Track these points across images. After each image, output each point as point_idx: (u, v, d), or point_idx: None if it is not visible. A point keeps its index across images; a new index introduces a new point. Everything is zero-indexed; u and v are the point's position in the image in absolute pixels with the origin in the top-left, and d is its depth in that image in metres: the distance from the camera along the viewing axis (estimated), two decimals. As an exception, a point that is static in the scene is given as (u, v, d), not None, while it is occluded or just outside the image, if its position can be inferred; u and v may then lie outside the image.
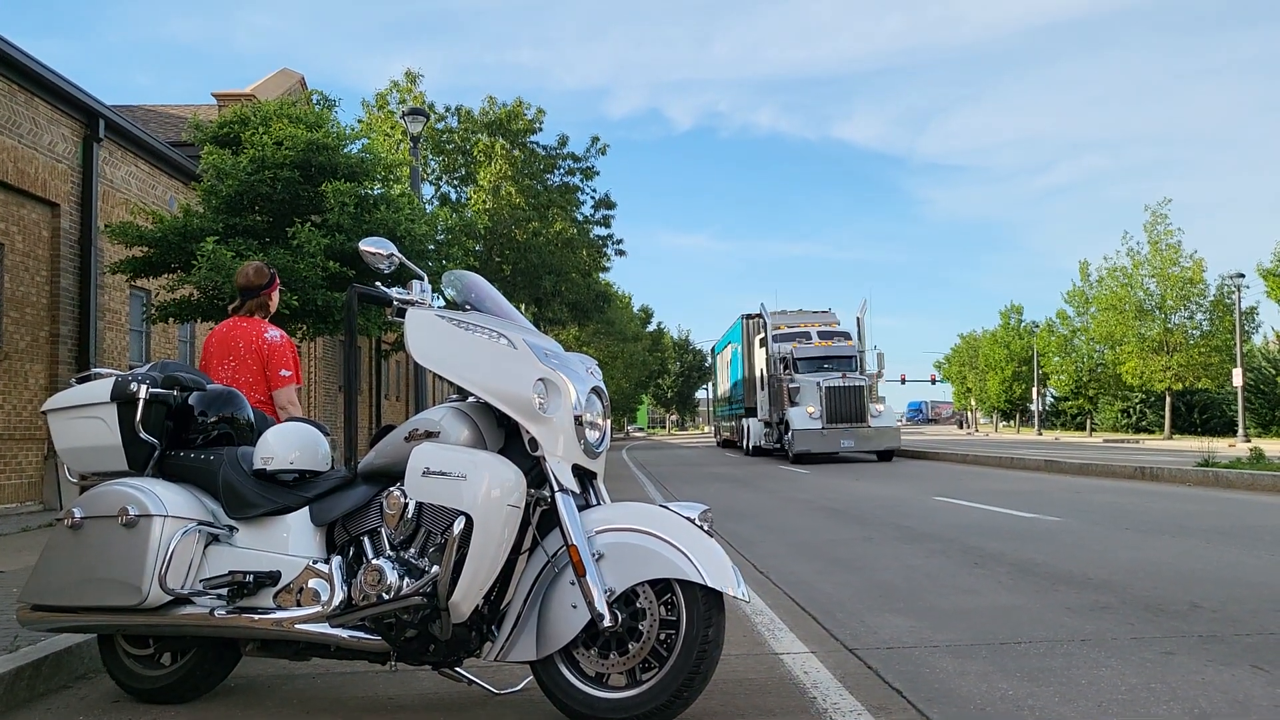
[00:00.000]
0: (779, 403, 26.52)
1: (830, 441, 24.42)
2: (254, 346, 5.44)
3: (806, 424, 24.57)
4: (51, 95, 12.97)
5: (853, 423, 24.61)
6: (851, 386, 24.90)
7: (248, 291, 5.63)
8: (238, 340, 5.47)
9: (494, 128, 31.41)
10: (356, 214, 12.02)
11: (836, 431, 24.45)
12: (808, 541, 8.96)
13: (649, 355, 77.17)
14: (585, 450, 3.54)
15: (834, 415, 24.55)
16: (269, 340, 5.48)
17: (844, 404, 24.64)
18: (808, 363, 26.68)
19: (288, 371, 5.46)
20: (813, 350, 27.34)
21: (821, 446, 24.45)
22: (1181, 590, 5.97)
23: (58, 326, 13.22)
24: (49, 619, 3.90)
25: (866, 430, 24.65)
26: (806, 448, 24.44)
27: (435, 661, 3.56)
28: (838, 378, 25.15)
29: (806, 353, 27.15)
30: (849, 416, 24.63)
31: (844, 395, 24.77)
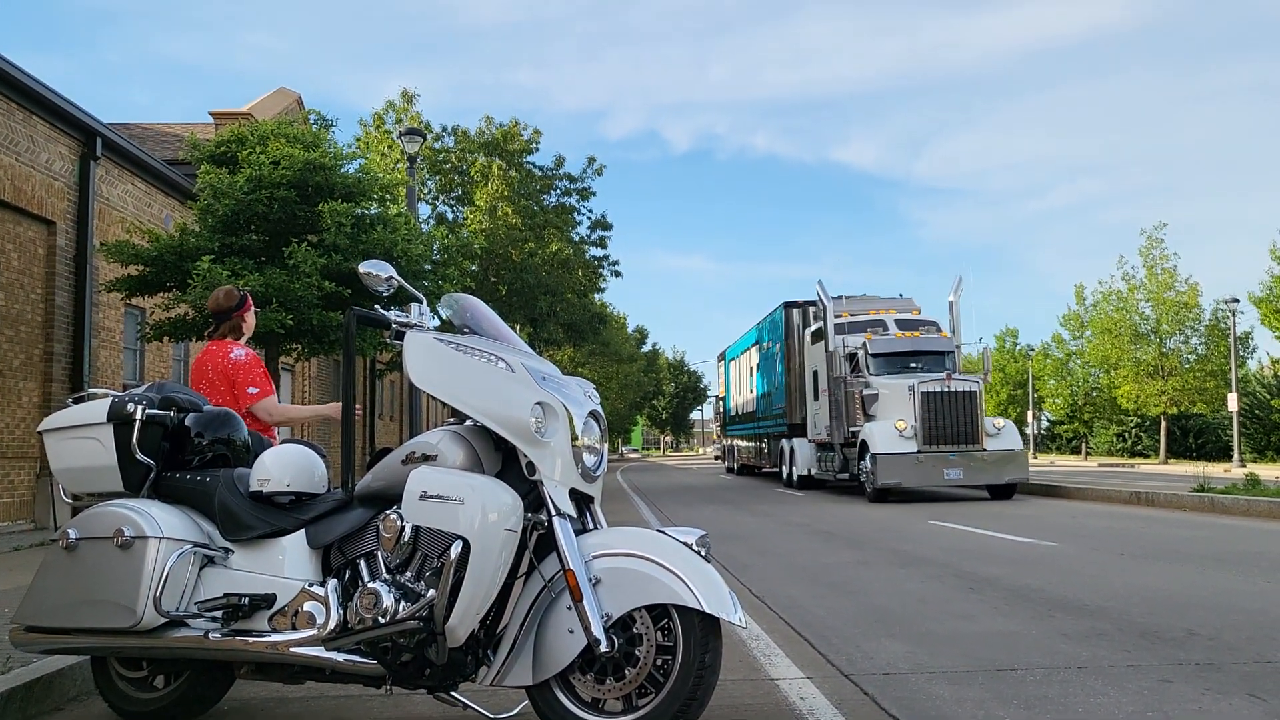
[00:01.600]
0: (845, 416, 19.66)
1: (929, 471, 17.75)
2: (220, 368, 5.46)
3: (894, 445, 17.83)
4: (49, 113, 13.00)
5: (962, 444, 17.92)
6: (959, 392, 18.14)
7: (219, 315, 5.69)
8: (206, 365, 5.52)
9: (491, 148, 31.49)
10: (353, 234, 12.04)
11: (938, 457, 17.72)
12: (803, 565, 8.94)
13: (644, 376, 77.17)
14: (582, 474, 3.53)
15: (935, 433, 17.85)
16: (233, 360, 5.49)
17: (949, 417, 17.99)
18: (887, 360, 19.57)
19: (254, 389, 5.42)
20: (894, 343, 19.89)
21: (917, 478, 17.84)
22: (1178, 617, 5.96)
23: (52, 344, 13.20)
24: (42, 640, 3.87)
25: (981, 456, 17.86)
26: (895, 479, 17.68)
27: (431, 686, 3.53)
28: (938, 380, 18.29)
29: (886, 346, 19.76)
30: (957, 435, 17.94)
31: (949, 405, 18.05)
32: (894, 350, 19.72)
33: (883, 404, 18.72)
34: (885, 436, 17.96)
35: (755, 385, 29.36)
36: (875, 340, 19.82)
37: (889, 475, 17.70)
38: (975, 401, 18.17)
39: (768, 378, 27.21)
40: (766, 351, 27.45)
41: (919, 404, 17.99)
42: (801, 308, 24.55)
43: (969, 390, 18.25)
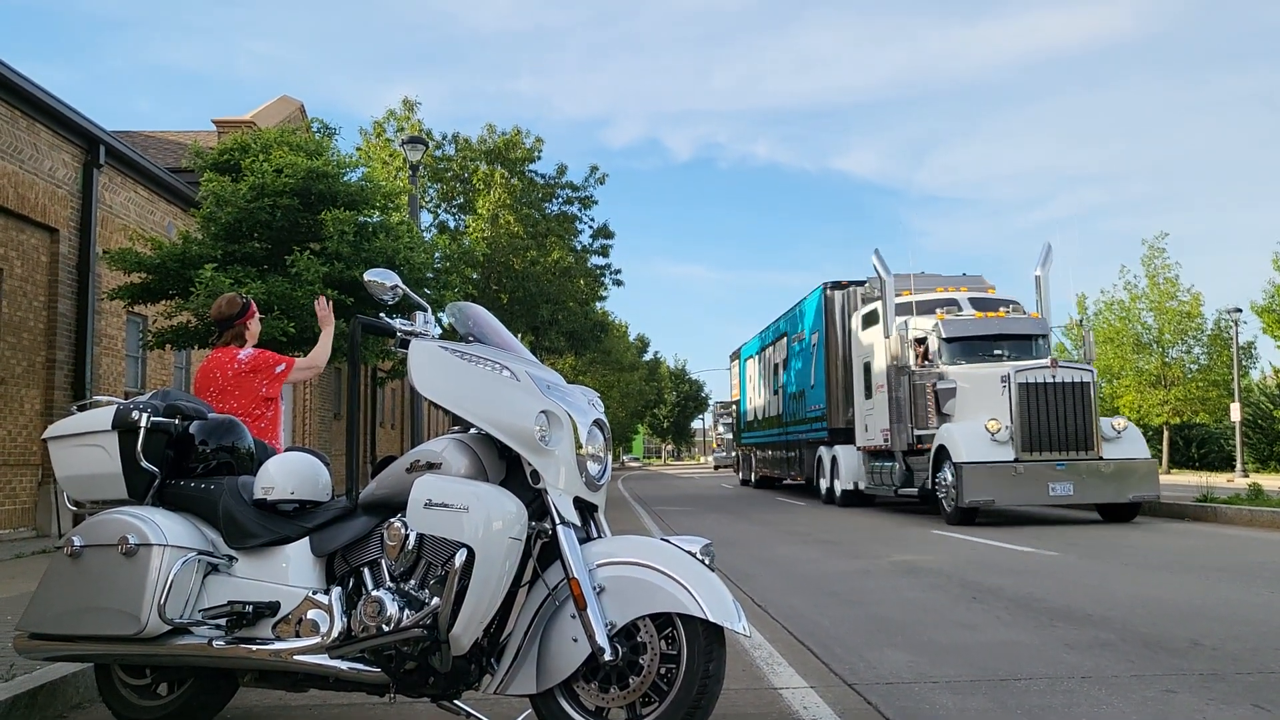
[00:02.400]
0: (911, 416, 15.86)
1: (1030, 485, 13.99)
2: (233, 373, 5.51)
3: (984, 451, 14.08)
4: (53, 121, 13.03)
5: (1073, 450, 14.14)
6: (1070, 384, 14.34)
7: (222, 323, 5.76)
8: (214, 372, 5.56)
9: (492, 156, 31.54)
10: (355, 242, 12.05)
11: (1042, 467, 13.99)
12: (806, 575, 8.93)
13: (645, 385, 77.14)
14: (587, 483, 3.54)
15: (1037, 436, 14.14)
16: (243, 360, 5.56)
17: (1056, 416, 14.23)
18: (965, 346, 15.74)
19: (280, 365, 5.67)
20: (975, 325, 16.00)
21: (1013, 494, 14.05)
22: (1182, 627, 5.95)
23: (54, 352, 13.20)
24: (46, 648, 3.87)
25: (1097, 466, 14.06)
26: (986, 496, 13.91)
27: (434, 694, 3.53)
28: (1041, 369, 14.45)
29: (964, 328, 15.88)
30: (1065, 440, 14.17)
31: (1056, 400, 14.30)
32: (975, 333, 15.80)
33: (963, 400, 15.07)
34: (972, 440, 14.18)
35: (781, 385, 25.35)
36: (950, 321, 15.92)
37: (978, 490, 13.90)
38: (1088, 396, 14.33)
39: (800, 375, 22.96)
40: (798, 345, 23.18)
41: (1016, 399, 14.20)
42: (846, 289, 20.58)
43: (1080, 381, 14.38)
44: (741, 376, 32.67)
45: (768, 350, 27.57)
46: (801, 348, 22.95)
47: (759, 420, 29.06)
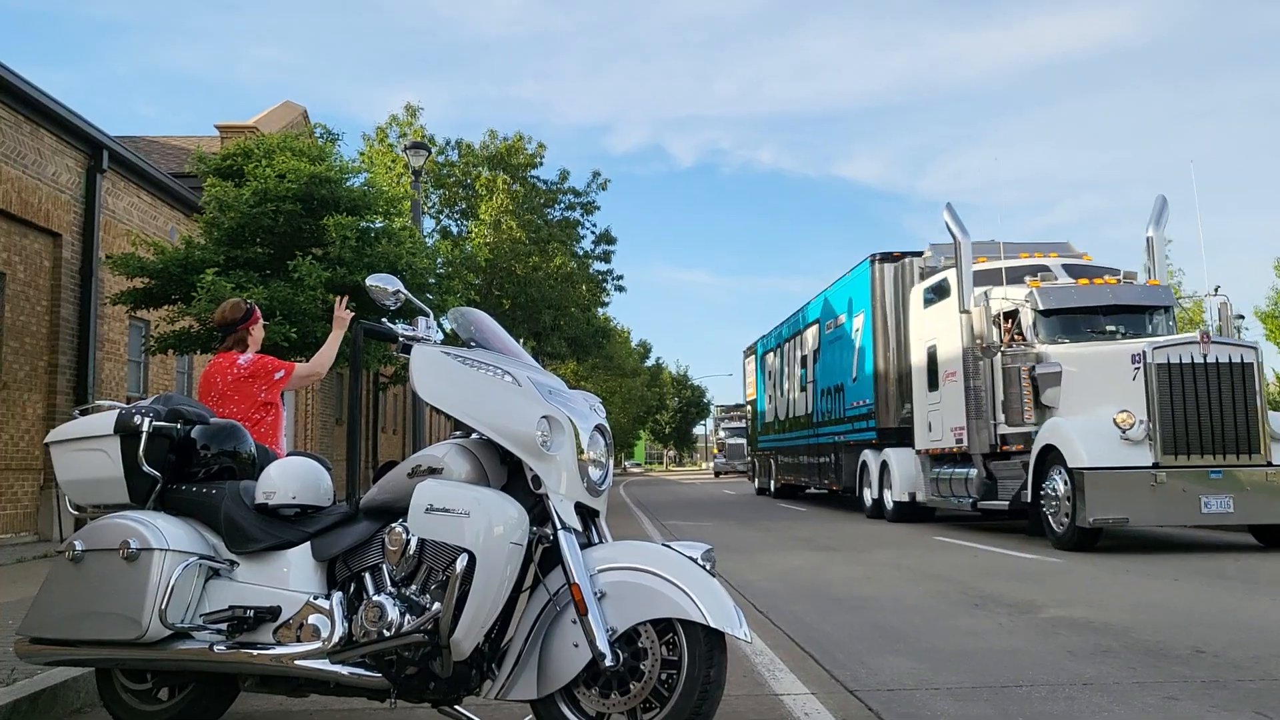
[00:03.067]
0: (994, 408, 13.00)
1: (1175, 499, 10.85)
2: (233, 379, 5.53)
3: (1112, 454, 11.00)
4: (56, 125, 13.05)
5: (1232, 454, 11.03)
6: (1227, 364, 11.22)
7: (225, 327, 5.77)
8: (214, 378, 5.57)
9: (494, 162, 31.57)
10: (358, 247, 12.06)
11: (1191, 475, 10.90)
12: (807, 580, 8.92)
13: (647, 390, 77.15)
14: (588, 488, 3.54)
15: (1184, 435, 11.02)
16: (242, 364, 5.57)
17: (1209, 407, 11.10)
18: (1069, 321, 12.83)
19: (279, 371, 5.65)
20: (1081, 294, 13.04)
21: (1153, 511, 11.01)
22: (1184, 634, 5.95)
23: (57, 357, 13.22)
24: (47, 652, 3.87)
25: (1264, 476, 10.98)
26: (1116, 512, 10.82)
27: (435, 699, 3.53)
28: (1188, 346, 11.32)
29: (1068, 298, 12.96)
30: (1224, 440, 11.06)
31: (1208, 386, 11.17)
32: (1083, 304, 12.80)
33: (1070, 388, 11.92)
34: (1094, 439, 11.05)
35: (810, 380, 21.89)
36: (1050, 290, 12.91)
37: (1105, 505, 10.70)
38: (1252, 382, 11.11)
39: (837, 367, 19.54)
40: (833, 332, 19.91)
41: (1156, 384, 10.99)
42: (899, 261, 17.37)
43: (1242, 362, 11.17)
44: (758, 374, 29.13)
45: (792, 342, 24.17)
46: (838, 335, 19.61)
47: (781, 421, 25.44)
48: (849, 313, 19.05)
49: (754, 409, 30.06)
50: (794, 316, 24.26)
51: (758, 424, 29.10)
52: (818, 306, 21.77)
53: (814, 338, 22.01)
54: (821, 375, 21.23)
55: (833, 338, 20.28)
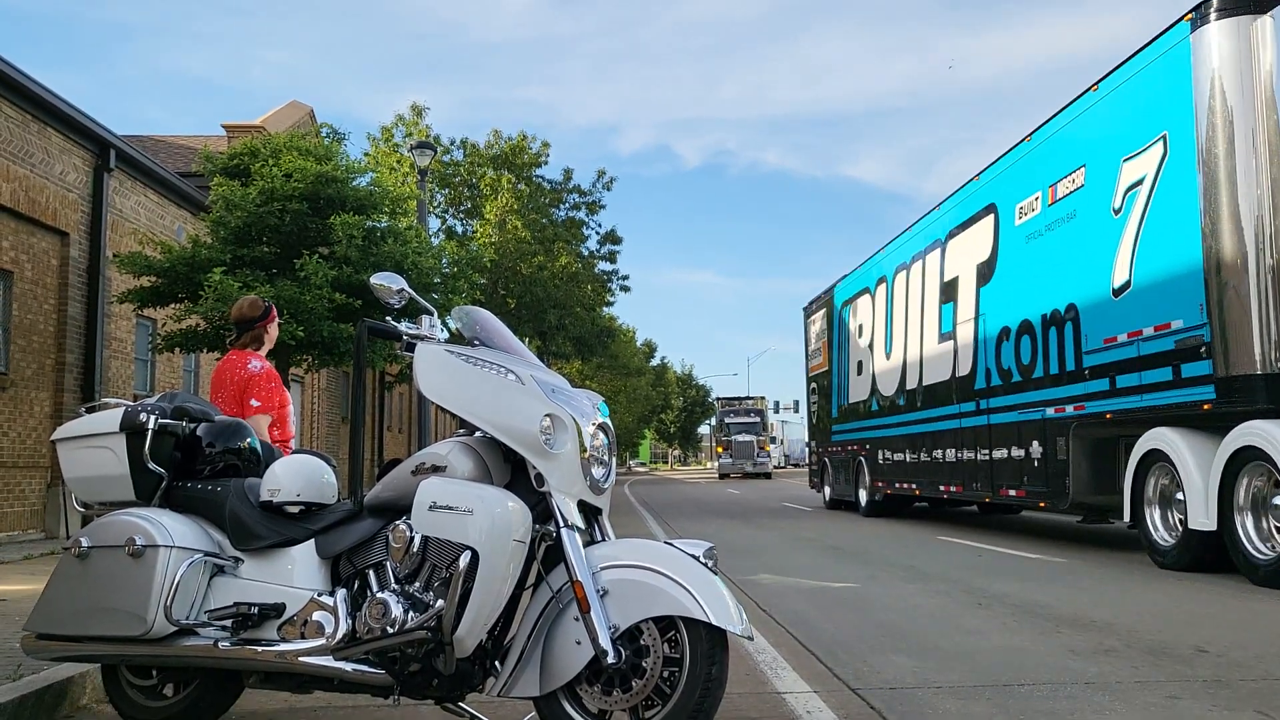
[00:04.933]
0: None
1: None
2: (236, 378, 5.54)
3: None
4: (63, 125, 13.10)
5: None
6: None
7: (242, 324, 5.76)
8: (225, 373, 5.59)
9: (499, 161, 31.62)
10: (364, 247, 12.11)
11: None
12: (810, 579, 8.93)
13: (652, 390, 77.15)
14: (591, 486, 3.55)
15: None
16: (249, 371, 5.57)
17: None
18: None
19: (256, 402, 5.55)
20: None
21: None
22: (1187, 633, 5.95)
23: (64, 355, 13.27)
24: (53, 648, 3.90)
25: None
26: None
27: (438, 696, 3.55)
28: None
29: None
30: None
31: None
32: None
33: None
34: None
35: (971, 317, 13.74)
36: None
37: None
38: None
39: (1069, 271, 11.17)
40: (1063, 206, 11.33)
41: None
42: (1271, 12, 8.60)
43: None
44: (833, 335, 20.74)
45: (918, 267, 15.86)
46: (1078, 209, 11.00)
47: (888, 397, 17.21)
48: (1109, 156, 10.38)
49: (827, 384, 21.32)
50: (925, 224, 15.82)
51: (831, 406, 20.93)
52: (1008, 175, 12.84)
53: (984, 239, 13.39)
54: (1007, 301, 12.66)
55: (1053, 221, 11.45)
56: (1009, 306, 12.69)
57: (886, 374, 17.36)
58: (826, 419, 21.43)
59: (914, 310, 16.11)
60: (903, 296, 16.72)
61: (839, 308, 20.49)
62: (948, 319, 14.64)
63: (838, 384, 20.47)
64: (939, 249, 15.15)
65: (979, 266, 13.61)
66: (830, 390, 21.04)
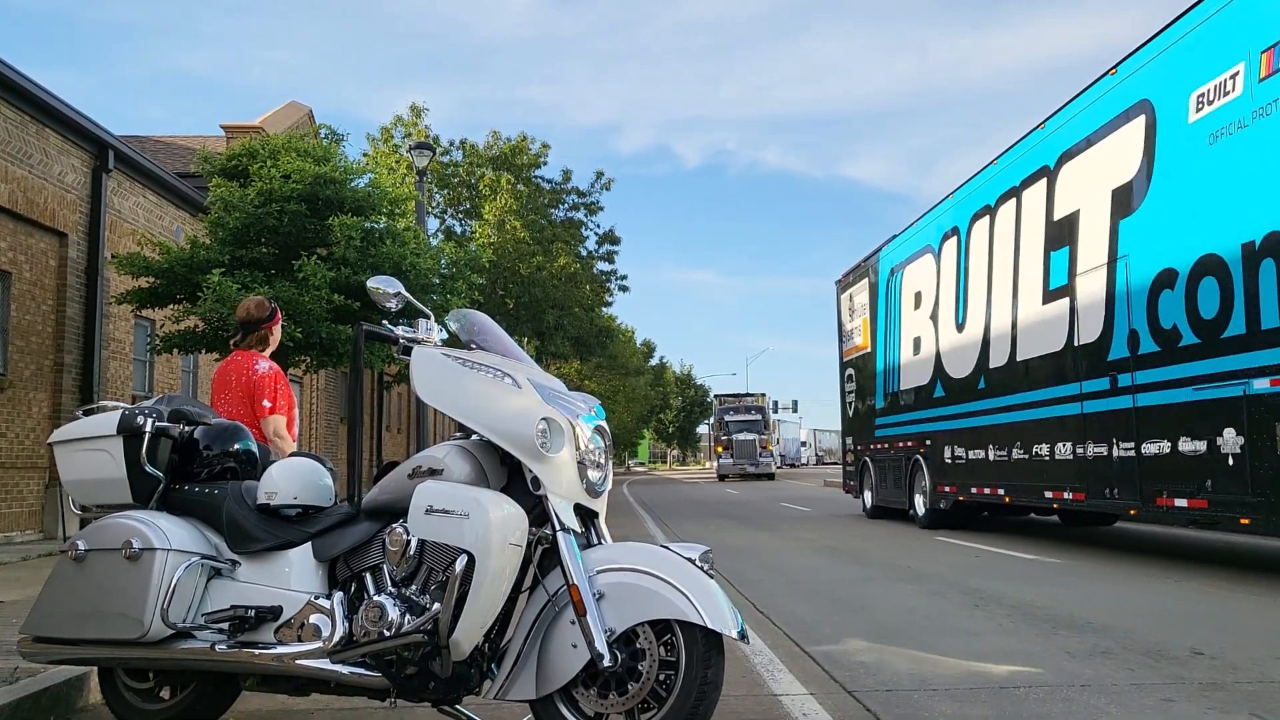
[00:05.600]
0: None
1: None
2: (244, 379, 5.52)
3: None
4: (62, 125, 13.10)
5: None
6: None
7: (248, 325, 5.73)
8: (231, 374, 5.56)
9: (498, 162, 31.61)
10: (362, 248, 12.10)
11: None
12: (808, 582, 8.94)
13: (651, 390, 77.13)
14: (587, 489, 3.56)
15: None
16: (258, 372, 5.55)
17: None
18: None
19: (268, 403, 5.52)
20: None
21: None
22: (1183, 635, 5.96)
23: (62, 356, 13.27)
24: (50, 651, 3.90)
25: None
26: None
27: (435, 699, 3.56)
28: None
29: None
30: None
31: None
32: None
33: None
34: None
35: (1105, 261, 10.46)
36: None
37: None
38: None
39: None
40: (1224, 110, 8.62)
41: None
42: None
43: None
44: (879, 306, 17.37)
45: (1020, 200, 12.37)
46: None
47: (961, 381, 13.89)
48: None
49: (858, 373, 18.58)
50: (1018, 154, 12.47)
51: (875, 394, 17.58)
52: (1175, 57, 9.53)
53: (1124, 154, 10.24)
54: (1170, 234, 9.44)
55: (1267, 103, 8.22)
56: (1173, 240, 9.31)
57: (957, 351, 13.98)
58: (868, 411, 18.02)
59: (1002, 266, 12.66)
60: (983, 250, 13.24)
61: (886, 276, 17.05)
62: (1060, 270, 11.40)
63: (884, 368, 17.05)
64: (1044, 181, 11.67)
65: (1116, 193, 10.28)
66: (873, 376, 17.62)
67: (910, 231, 16.20)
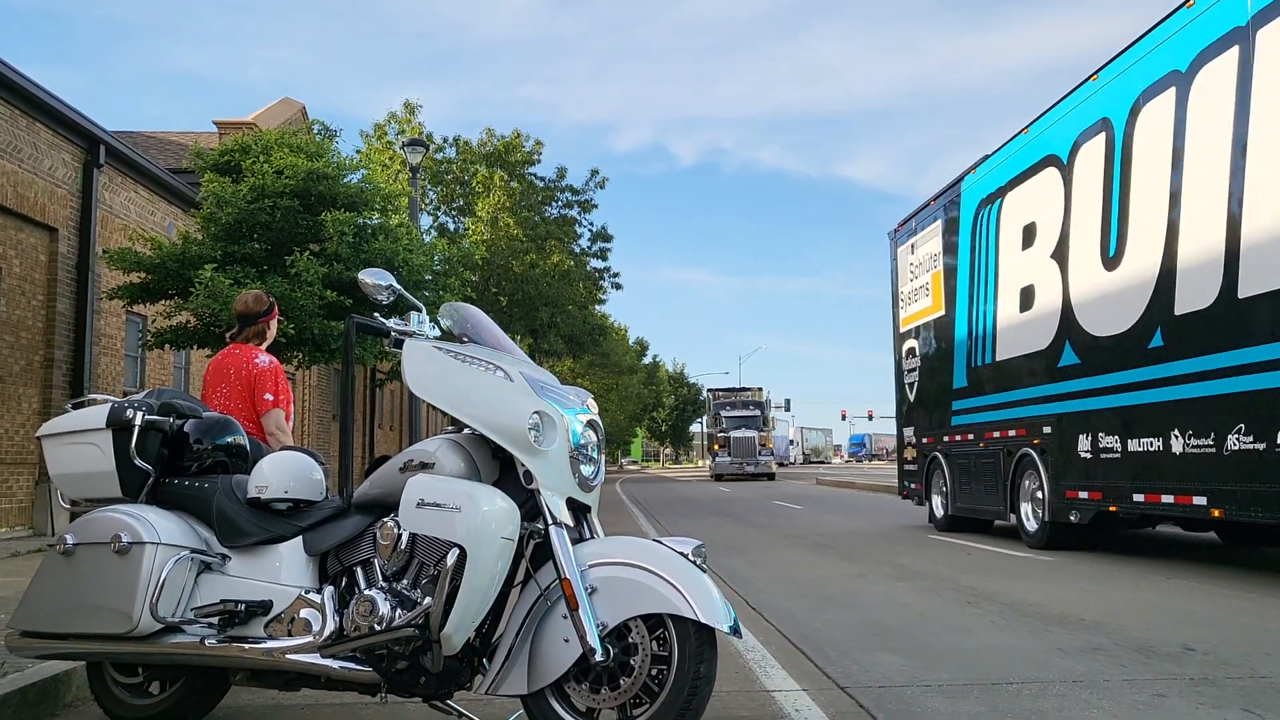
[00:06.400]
0: None
1: None
2: (243, 373, 5.49)
3: None
4: (53, 120, 13.04)
5: None
6: None
7: (245, 319, 5.70)
8: (229, 367, 5.52)
9: (492, 159, 31.58)
10: (355, 244, 12.07)
11: None
12: (800, 578, 8.93)
13: (644, 388, 77.13)
14: (579, 484, 3.55)
15: None
16: (257, 366, 5.52)
17: None
18: None
19: (270, 395, 5.48)
20: None
21: None
22: (1174, 631, 5.96)
23: (53, 351, 13.21)
24: (38, 646, 3.87)
25: None
26: None
27: (426, 694, 3.54)
28: None
29: None
30: None
31: None
32: None
33: None
34: None
35: None
36: None
37: None
38: None
39: None
40: None
41: None
42: None
43: None
44: (966, 252, 13.32)
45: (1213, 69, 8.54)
46: None
47: (1137, 333, 9.49)
48: None
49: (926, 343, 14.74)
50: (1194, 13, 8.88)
51: (951, 370, 13.69)
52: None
53: None
54: None
55: None
56: None
57: (1105, 299, 10.08)
58: (939, 392, 13.98)
59: (1208, 155, 8.59)
60: (1162, 140, 9.24)
61: (973, 211, 12.92)
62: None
63: (968, 334, 12.99)
64: (1240, 43, 8.18)
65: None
66: (949, 346, 13.60)
67: (1013, 146, 12.14)
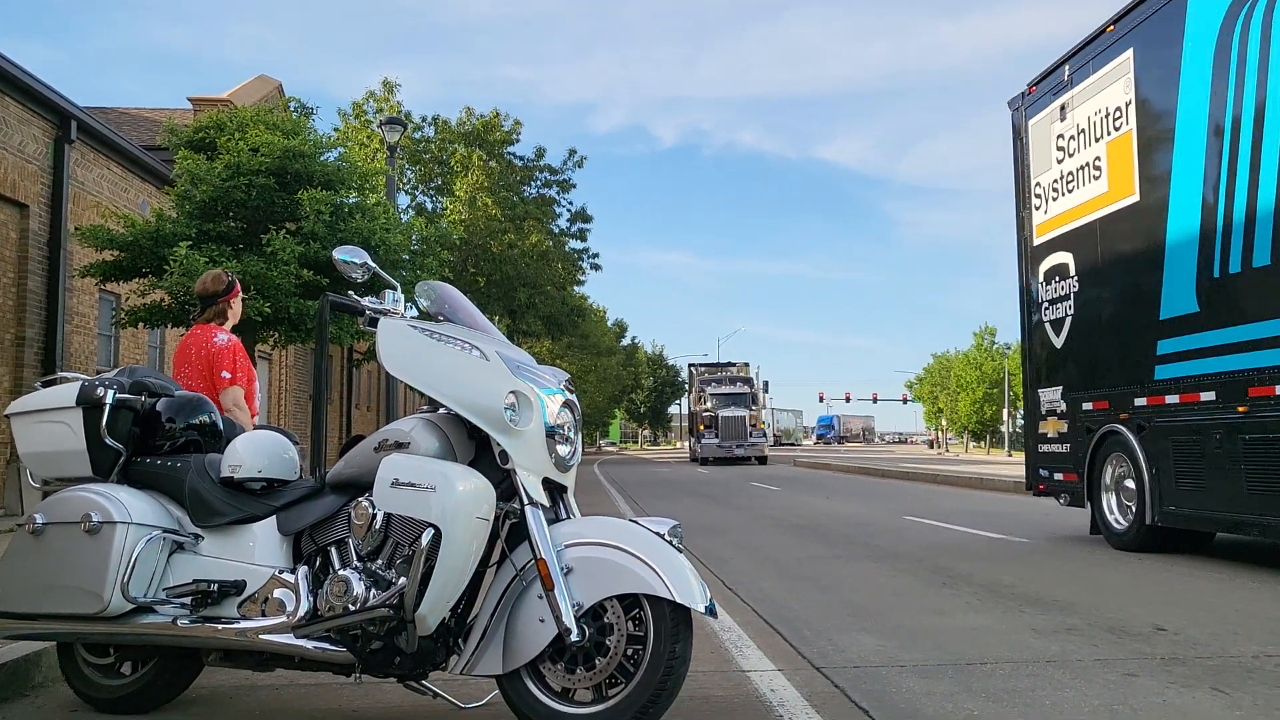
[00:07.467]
0: None
1: None
2: (203, 352, 5.49)
3: None
4: (22, 94, 12.84)
5: None
6: None
7: (206, 299, 5.71)
8: (191, 348, 5.53)
9: (471, 138, 31.40)
10: (331, 222, 11.98)
11: None
12: (777, 559, 8.96)
13: (623, 370, 77.07)
14: (556, 464, 3.53)
15: None
16: (216, 344, 5.52)
17: None
18: None
19: (227, 374, 5.50)
20: None
21: None
22: (1146, 612, 6.02)
23: (24, 329, 13.05)
24: (8, 626, 3.83)
25: None
26: None
27: (401, 674, 3.53)
28: None
29: None
30: None
31: None
32: None
33: None
34: None
35: None
36: None
37: None
38: None
39: None
40: None
41: None
42: None
43: None
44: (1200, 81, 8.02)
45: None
46: None
47: None
48: None
49: (1095, 258, 9.61)
50: None
51: (1164, 286, 8.48)
52: None
53: None
54: None
55: None
56: None
57: None
58: (1132, 326, 9.05)
59: None
60: None
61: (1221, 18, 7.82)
62: None
63: (1209, 222, 7.96)
64: None
65: None
66: (1156, 249, 8.62)
67: None
